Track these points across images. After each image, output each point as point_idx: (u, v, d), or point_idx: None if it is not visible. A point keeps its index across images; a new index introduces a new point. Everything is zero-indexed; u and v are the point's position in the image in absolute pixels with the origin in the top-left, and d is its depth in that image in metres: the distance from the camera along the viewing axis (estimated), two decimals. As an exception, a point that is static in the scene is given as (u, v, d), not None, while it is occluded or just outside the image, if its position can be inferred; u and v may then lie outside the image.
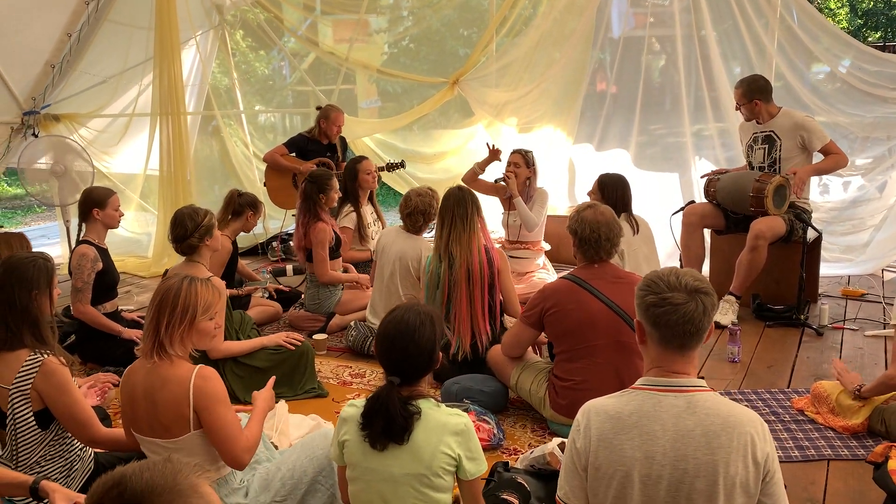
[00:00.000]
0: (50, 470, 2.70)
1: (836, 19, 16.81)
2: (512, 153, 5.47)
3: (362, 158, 5.73)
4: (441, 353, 2.32)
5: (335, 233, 5.04)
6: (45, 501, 2.35)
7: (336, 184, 5.04)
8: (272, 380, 2.89)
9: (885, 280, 5.57)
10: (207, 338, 2.54)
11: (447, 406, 2.30)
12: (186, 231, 3.87)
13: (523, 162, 5.38)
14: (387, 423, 2.16)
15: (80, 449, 2.83)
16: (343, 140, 6.65)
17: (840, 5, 17.32)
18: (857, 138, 6.04)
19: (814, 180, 5.95)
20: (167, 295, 2.44)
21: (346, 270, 5.26)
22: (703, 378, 3.85)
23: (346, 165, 5.71)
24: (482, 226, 3.98)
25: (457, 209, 3.90)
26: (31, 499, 2.40)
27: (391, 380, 2.22)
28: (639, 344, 1.98)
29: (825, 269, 5.73)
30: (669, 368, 1.90)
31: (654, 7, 6.78)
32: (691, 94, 6.23)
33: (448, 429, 2.18)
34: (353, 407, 2.28)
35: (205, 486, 1.21)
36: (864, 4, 17.50)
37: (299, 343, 4.03)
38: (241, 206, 4.93)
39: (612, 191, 4.59)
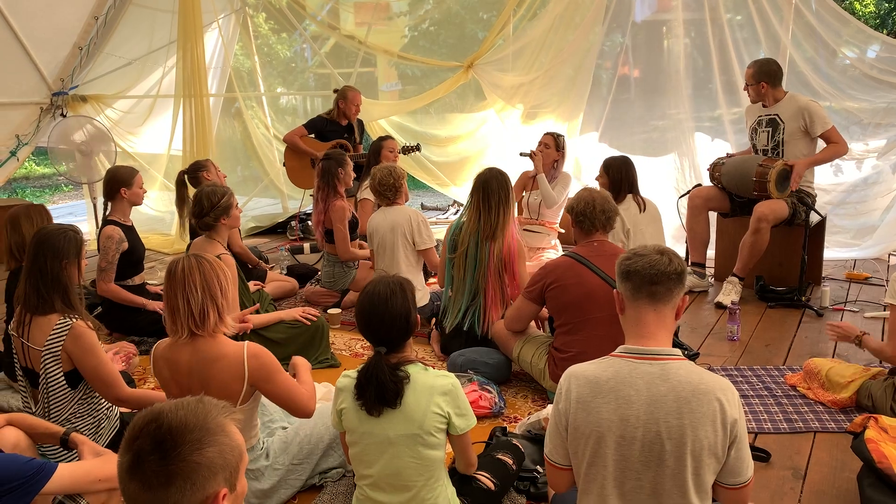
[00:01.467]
0: (79, 427, 2.90)
1: (864, 3, 16.61)
2: (545, 134, 5.69)
3: (388, 137, 5.95)
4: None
5: (352, 213, 5.22)
6: (74, 452, 2.56)
7: (350, 162, 5.20)
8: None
9: (890, 264, 5.64)
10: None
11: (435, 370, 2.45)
12: (203, 210, 4.00)
13: (554, 144, 5.61)
14: (379, 391, 2.31)
15: (107, 408, 3.04)
16: (360, 123, 6.81)
17: (869, -11, 17.08)
18: (870, 125, 6.10)
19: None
20: (204, 272, 2.53)
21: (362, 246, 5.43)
22: (698, 354, 4.03)
23: (372, 143, 5.91)
24: (514, 210, 4.10)
25: (502, 192, 3.99)
26: (61, 448, 2.62)
27: (378, 350, 2.37)
28: (619, 314, 2.11)
29: (833, 253, 5.83)
30: (644, 332, 2.02)
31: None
32: (712, 78, 6.31)
33: (436, 390, 2.34)
34: (347, 377, 2.44)
35: (231, 426, 1.38)
36: (894, -11, 17.23)
37: (315, 318, 4.21)
38: (194, 179, 5.03)
39: (617, 172, 4.74)
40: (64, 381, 2.87)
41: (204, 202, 3.99)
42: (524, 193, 5.81)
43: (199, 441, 1.33)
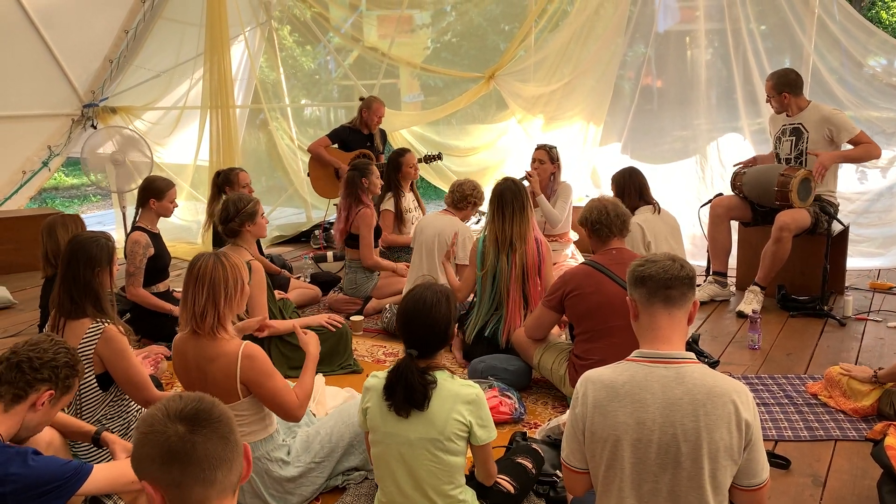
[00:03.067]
0: (110, 428, 2.98)
1: (891, 13, 16.50)
2: (536, 149, 5.58)
3: (405, 151, 5.95)
4: (457, 328, 2.52)
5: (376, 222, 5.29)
6: (106, 450, 2.65)
7: (376, 171, 5.28)
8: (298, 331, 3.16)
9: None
10: (245, 300, 2.77)
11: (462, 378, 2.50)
12: (228, 215, 4.09)
13: (547, 158, 5.50)
14: (407, 392, 2.37)
15: (137, 410, 3.12)
16: (383, 133, 6.90)
17: (896, -1, 16.97)
18: (894, 134, 6.06)
19: (851, 169, 5.99)
20: (215, 275, 2.63)
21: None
22: (718, 362, 4.04)
23: (390, 157, 5.96)
24: (533, 218, 4.14)
25: (515, 202, 4.02)
26: (93, 446, 2.70)
27: (409, 352, 2.42)
28: (632, 321, 2.15)
29: (856, 262, 5.79)
30: (658, 335, 2.06)
31: (701, 1, 6.83)
32: (736, 88, 6.32)
33: (460, 398, 2.38)
34: (375, 378, 2.50)
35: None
36: (921, -3, 17.11)
37: (339, 325, 4.28)
38: (228, 182, 5.24)
39: (627, 182, 4.81)
40: (95, 384, 2.96)
41: (230, 207, 4.09)
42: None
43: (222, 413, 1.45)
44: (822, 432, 3.35)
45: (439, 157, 6.63)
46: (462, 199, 4.77)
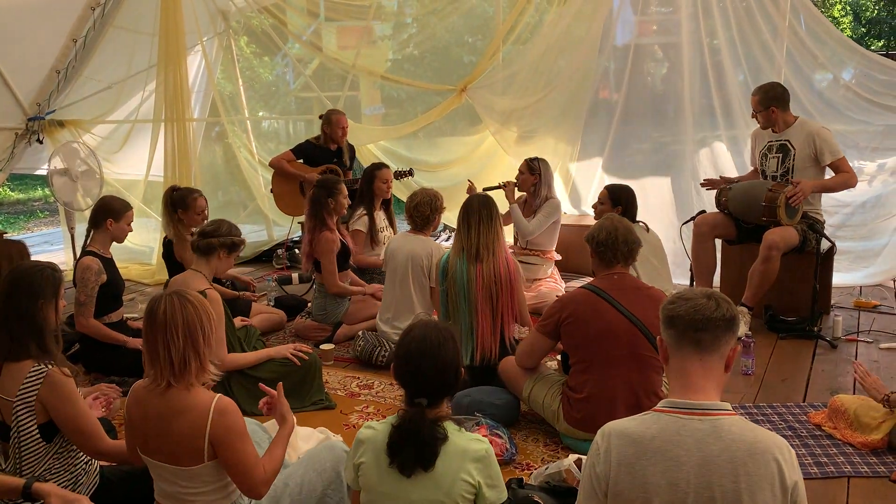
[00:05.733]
0: (55, 483, 2.63)
1: (840, 27, 16.83)
2: (522, 162, 5.54)
3: (383, 165, 5.71)
4: (463, 370, 2.25)
5: (342, 242, 4.98)
6: (41, 502, 2.30)
7: (344, 189, 4.99)
8: (280, 389, 2.69)
9: (897, 291, 5.51)
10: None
11: (467, 430, 2.22)
12: (219, 230, 3.84)
13: (527, 169, 5.48)
14: (419, 449, 2.09)
15: (86, 462, 2.77)
16: (352, 149, 6.60)
17: (844, 14, 17.37)
18: (867, 148, 5.97)
19: None
20: (188, 318, 2.32)
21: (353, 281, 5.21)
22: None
23: (366, 169, 5.71)
24: (502, 233, 3.93)
25: (482, 210, 3.87)
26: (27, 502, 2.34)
27: (419, 402, 2.13)
28: (662, 363, 1.94)
29: (836, 279, 5.66)
30: (689, 383, 1.84)
31: (659, 15, 6.73)
32: (695, 101, 6.17)
33: (469, 455, 2.11)
34: (371, 429, 2.20)
35: None
36: (867, 13, 17.56)
37: (306, 358, 3.96)
38: (181, 199, 4.91)
39: (621, 198, 4.65)
40: (38, 435, 2.60)
41: (224, 224, 3.86)
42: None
43: None
44: (832, 468, 3.15)
45: (410, 173, 6.36)
46: (424, 220, 4.47)
